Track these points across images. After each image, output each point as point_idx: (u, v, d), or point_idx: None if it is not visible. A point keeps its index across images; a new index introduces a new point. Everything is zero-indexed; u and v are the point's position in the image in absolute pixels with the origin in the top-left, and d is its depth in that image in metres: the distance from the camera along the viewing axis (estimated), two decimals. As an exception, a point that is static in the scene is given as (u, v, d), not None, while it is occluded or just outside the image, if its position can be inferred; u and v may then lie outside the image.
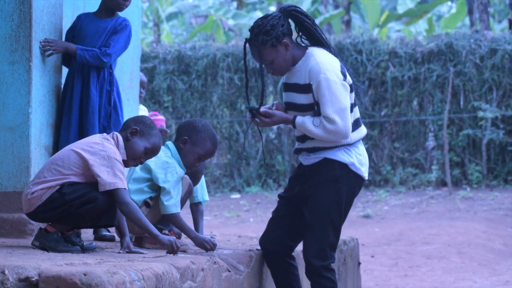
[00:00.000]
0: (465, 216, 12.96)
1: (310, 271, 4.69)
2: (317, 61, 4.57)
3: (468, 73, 15.22)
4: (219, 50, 16.48)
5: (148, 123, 4.48)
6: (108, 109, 5.47)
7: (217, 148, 5.03)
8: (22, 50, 5.17)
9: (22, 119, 5.16)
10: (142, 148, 4.43)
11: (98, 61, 5.37)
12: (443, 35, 16.17)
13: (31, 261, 3.63)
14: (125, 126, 4.50)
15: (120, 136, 4.42)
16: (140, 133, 4.44)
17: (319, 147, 4.67)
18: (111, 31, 5.46)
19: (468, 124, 15.23)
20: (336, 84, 4.53)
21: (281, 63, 4.63)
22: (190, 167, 4.98)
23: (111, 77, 5.53)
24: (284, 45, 4.60)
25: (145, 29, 27.61)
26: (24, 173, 5.16)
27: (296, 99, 4.67)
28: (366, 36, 16.18)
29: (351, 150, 4.66)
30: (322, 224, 4.65)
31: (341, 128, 4.54)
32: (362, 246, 10.48)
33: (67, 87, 5.50)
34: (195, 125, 4.97)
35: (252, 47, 4.64)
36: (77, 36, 5.50)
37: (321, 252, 4.65)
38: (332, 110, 4.52)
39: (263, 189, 15.93)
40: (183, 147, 4.94)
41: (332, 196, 4.64)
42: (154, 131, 4.48)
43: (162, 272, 3.71)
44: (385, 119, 15.71)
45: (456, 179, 15.28)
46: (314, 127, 4.57)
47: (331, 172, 4.64)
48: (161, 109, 16.19)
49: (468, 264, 9.80)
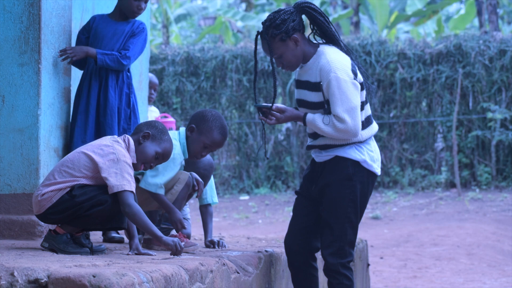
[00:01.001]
0: (474, 218, 12.93)
1: (328, 269, 4.70)
2: (327, 59, 4.57)
3: (477, 74, 15.19)
4: (228, 52, 16.49)
5: (160, 128, 4.50)
6: (127, 111, 5.51)
7: (226, 139, 5.01)
8: (31, 52, 5.18)
9: (31, 121, 5.17)
10: (153, 153, 4.44)
11: (118, 65, 5.41)
12: (452, 36, 16.14)
13: (40, 262, 3.63)
14: (137, 129, 4.52)
15: (132, 139, 4.43)
16: (152, 138, 4.45)
17: (331, 144, 4.68)
18: (129, 34, 5.49)
19: (477, 125, 15.20)
20: (347, 83, 4.54)
21: (290, 58, 4.63)
22: (195, 156, 4.98)
23: (129, 79, 5.57)
24: (293, 40, 4.60)
25: (154, 30, 27.65)
26: (33, 175, 5.17)
27: (307, 97, 4.68)
28: (375, 37, 16.16)
29: (362, 148, 4.67)
30: (340, 223, 4.65)
31: (350, 127, 4.54)
32: (371, 248, 10.47)
33: (82, 88, 5.52)
34: (204, 114, 4.98)
35: (262, 40, 4.66)
36: (94, 37, 5.52)
37: (340, 250, 4.66)
38: (342, 109, 4.53)
39: (272, 190, 15.92)
40: (190, 135, 4.96)
41: (347, 195, 4.65)
42: (166, 136, 4.49)
43: (171, 273, 3.71)
44: (394, 120, 15.68)
45: (465, 180, 15.24)
46: (324, 125, 4.59)
47: (344, 171, 4.65)
48: (170, 111, 16.21)
49: (477, 266, 9.77)
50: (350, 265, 4.72)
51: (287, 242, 4.92)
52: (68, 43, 5.46)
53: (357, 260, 6.59)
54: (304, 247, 4.85)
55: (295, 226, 4.88)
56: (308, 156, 15.66)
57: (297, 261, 4.88)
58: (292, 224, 4.90)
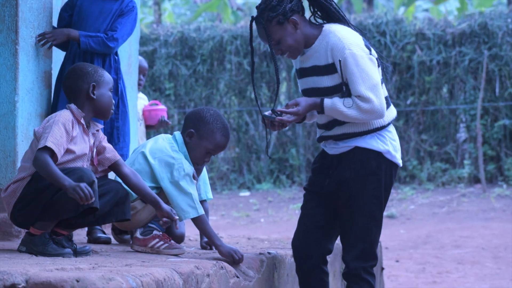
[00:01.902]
0: (501, 216, 12.94)
1: (349, 273, 4.69)
2: (338, 36, 4.56)
3: (505, 56, 15.17)
4: (226, 32, 16.48)
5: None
6: (115, 99, 5.49)
7: (229, 140, 4.99)
8: (7, 31, 5.17)
9: (7, 109, 5.16)
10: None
11: (104, 48, 5.40)
12: (476, 14, 16.12)
13: (18, 266, 3.64)
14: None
15: (74, 105, 4.44)
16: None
17: (350, 133, 4.65)
18: (117, 13, 5.50)
19: (505, 113, 15.19)
20: (364, 59, 4.53)
21: (290, 43, 4.61)
22: (197, 163, 4.95)
23: (117, 63, 5.56)
24: (292, 23, 4.59)
25: (144, 8, 27.62)
26: (10, 168, 5.18)
27: (319, 83, 4.66)
28: (390, 16, 16.14)
29: (384, 136, 4.66)
30: (364, 222, 4.65)
31: (377, 106, 4.52)
32: (385, 250, 10.48)
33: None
34: (202, 115, 4.93)
35: (258, 26, 4.64)
36: (77, 15, 5.51)
37: (364, 252, 4.66)
38: (364, 88, 4.51)
39: (275, 186, 15.94)
40: (189, 141, 4.91)
41: (371, 191, 4.64)
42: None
43: (163, 278, 3.71)
44: (411, 108, 15.68)
45: (490, 175, 15.25)
46: (346, 109, 4.55)
47: (366, 164, 4.63)
48: (162, 97, 16.21)
49: (504, 270, 9.78)
50: (373, 270, 4.71)
51: (295, 244, 4.87)
52: (49, 21, 5.46)
53: (370, 264, 6.60)
54: (315, 250, 4.83)
55: (305, 227, 4.84)
56: (316, 148, 15.67)
57: (307, 266, 4.85)
58: (302, 224, 4.86)
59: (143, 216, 4.89)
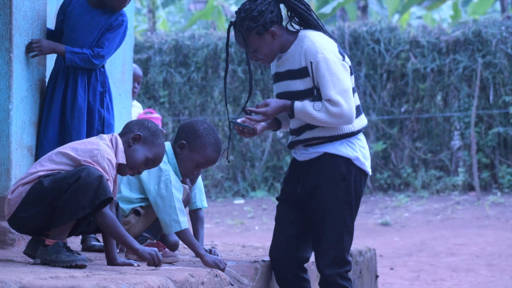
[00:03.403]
0: (495, 224, 12.94)
1: (324, 280, 4.70)
2: (312, 41, 4.62)
3: (499, 64, 15.20)
4: (221, 40, 16.49)
5: (153, 130, 4.44)
6: (102, 112, 5.45)
7: (220, 156, 4.99)
8: (1, 39, 5.17)
9: (1, 117, 5.15)
10: (143, 158, 4.41)
11: (90, 64, 5.35)
12: (470, 22, 16.15)
13: (12, 274, 3.63)
14: (127, 129, 4.46)
15: (120, 139, 4.39)
16: (144, 141, 4.42)
17: (319, 137, 4.68)
18: (106, 27, 5.41)
19: (499, 121, 15.21)
20: (336, 64, 4.57)
21: (266, 52, 4.68)
22: (186, 175, 4.95)
23: (104, 76, 5.50)
24: (271, 34, 4.65)
25: (138, 16, 27.63)
26: (4, 176, 5.16)
27: (291, 87, 4.70)
28: (384, 23, 16.17)
29: (354, 143, 4.70)
30: (335, 228, 4.67)
31: (346, 111, 4.56)
32: (380, 257, 10.48)
33: (49, 83, 5.46)
34: (195, 128, 4.92)
35: (236, 32, 4.69)
36: (66, 23, 5.45)
37: (337, 258, 4.68)
38: (334, 92, 4.55)
39: (270, 193, 15.94)
40: (180, 152, 4.91)
41: (341, 196, 4.67)
42: (159, 140, 4.45)
43: (157, 286, 3.70)
44: (405, 115, 15.70)
45: (485, 183, 15.26)
46: (316, 112, 4.59)
47: (336, 170, 4.66)
48: (156, 105, 16.21)
49: (498, 278, 9.78)
50: (348, 275, 4.73)
51: (272, 255, 4.93)
52: (43, 29, 5.45)
53: (364, 271, 6.60)
54: (292, 260, 4.86)
55: (281, 236, 4.88)
56: (310, 156, 15.66)
57: (286, 275, 4.90)
58: (277, 234, 4.91)
59: (138, 229, 4.90)
